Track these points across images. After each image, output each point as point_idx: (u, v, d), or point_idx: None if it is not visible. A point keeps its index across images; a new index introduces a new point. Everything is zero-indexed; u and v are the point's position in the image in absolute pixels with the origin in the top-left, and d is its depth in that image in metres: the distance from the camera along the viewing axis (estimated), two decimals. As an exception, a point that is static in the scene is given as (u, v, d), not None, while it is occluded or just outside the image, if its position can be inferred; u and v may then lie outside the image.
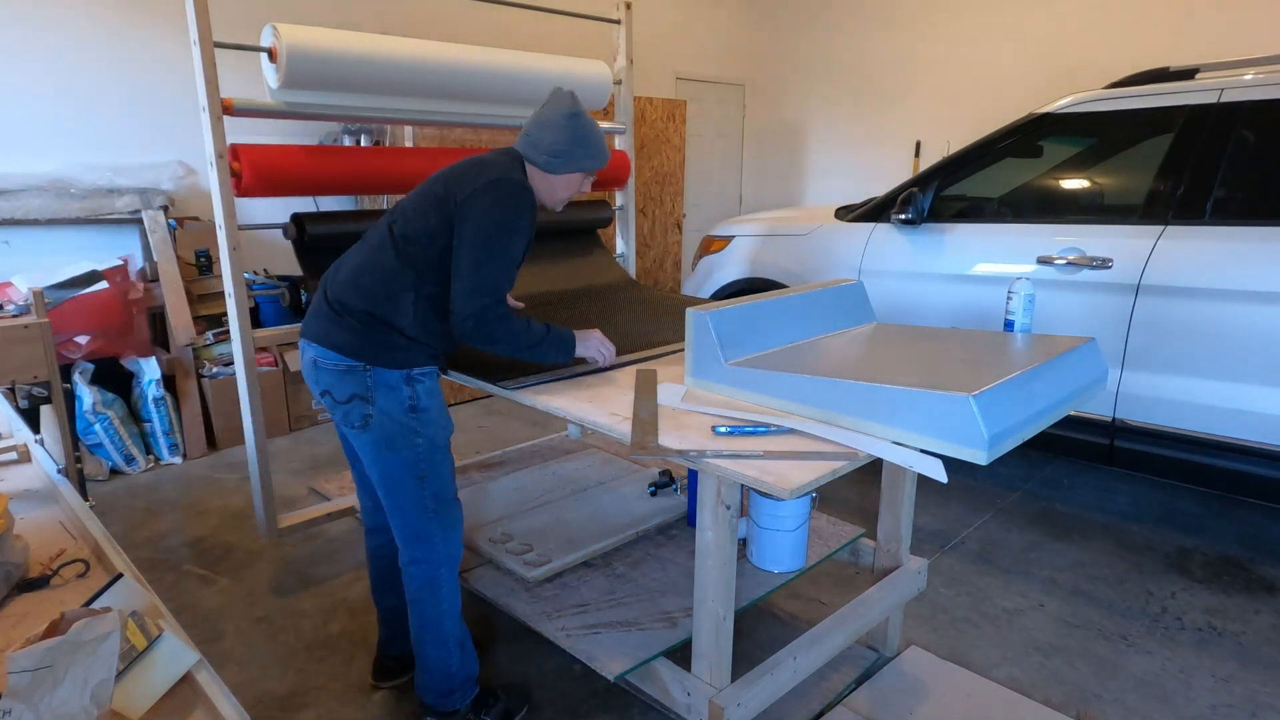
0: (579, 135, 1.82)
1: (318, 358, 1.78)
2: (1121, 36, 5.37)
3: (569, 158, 1.83)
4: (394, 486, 1.79)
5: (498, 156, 1.84)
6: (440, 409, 1.83)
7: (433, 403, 1.81)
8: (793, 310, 1.97)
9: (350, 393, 1.75)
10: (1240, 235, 2.46)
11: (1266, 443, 2.45)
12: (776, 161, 7.57)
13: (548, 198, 1.90)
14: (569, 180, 1.88)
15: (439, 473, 1.82)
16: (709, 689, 1.68)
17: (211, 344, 3.91)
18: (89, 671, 0.87)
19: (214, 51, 2.21)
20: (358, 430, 1.77)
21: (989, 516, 3.19)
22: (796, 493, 1.34)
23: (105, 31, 3.89)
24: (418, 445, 1.78)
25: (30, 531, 1.37)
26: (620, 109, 3.27)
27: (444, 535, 1.84)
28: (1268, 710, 2.08)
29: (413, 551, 1.84)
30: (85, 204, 3.72)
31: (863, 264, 3.32)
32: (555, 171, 1.84)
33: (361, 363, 1.74)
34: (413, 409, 1.77)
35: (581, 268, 3.01)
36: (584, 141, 1.83)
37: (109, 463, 3.57)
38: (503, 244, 1.73)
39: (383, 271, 1.76)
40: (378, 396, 1.75)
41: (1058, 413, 1.64)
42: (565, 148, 1.82)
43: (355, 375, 1.74)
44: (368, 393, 1.75)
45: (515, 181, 1.77)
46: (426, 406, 1.79)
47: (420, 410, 1.78)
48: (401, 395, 1.76)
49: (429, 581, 1.84)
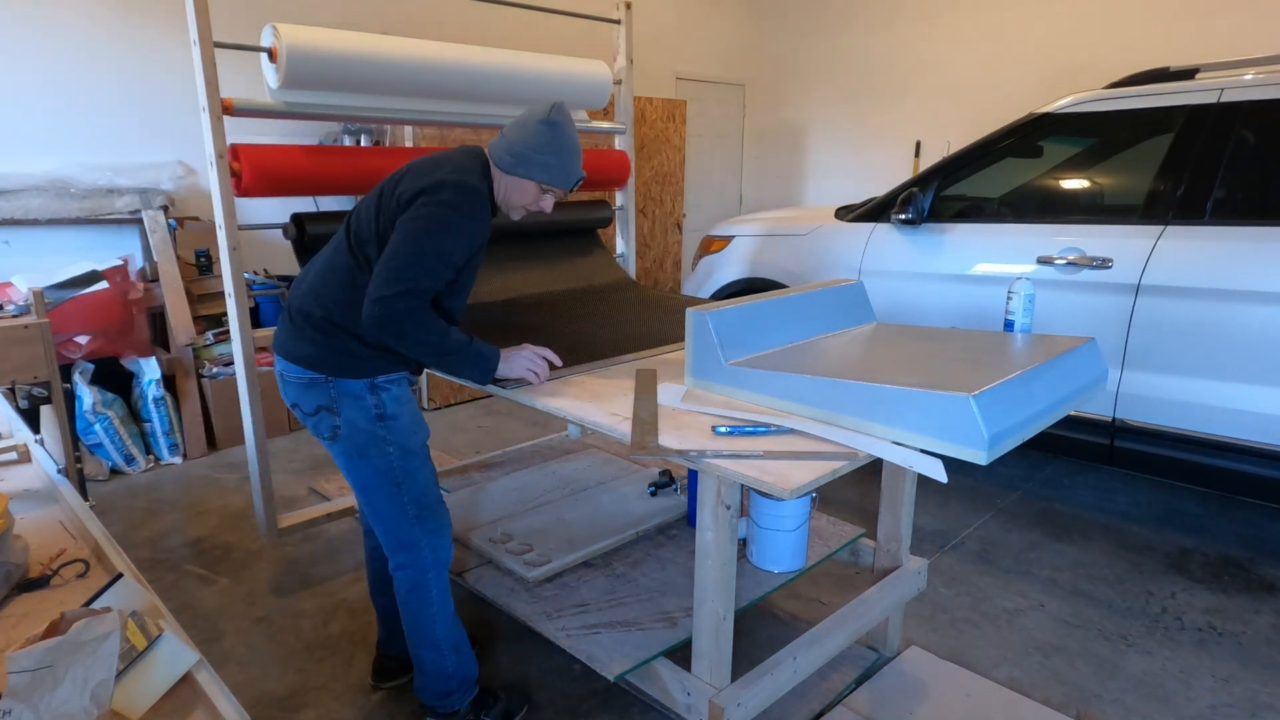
0: (544, 144, 1.73)
1: (284, 371, 1.76)
2: (1121, 36, 5.37)
3: (525, 162, 1.74)
4: (370, 495, 1.77)
5: (457, 154, 1.77)
6: (410, 415, 1.78)
7: (400, 409, 1.76)
8: (793, 310, 1.97)
9: (316, 404, 1.73)
10: (1240, 235, 2.46)
11: (1266, 443, 2.45)
12: (776, 161, 7.57)
13: (502, 201, 1.82)
14: (521, 187, 1.78)
15: (415, 479, 1.78)
16: (709, 689, 1.68)
17: (211, 344, 3.91)
18: (89, 671, 0.87)
19: (214, 51, 2.21)
20: (328, 441, 1.76)
21: (989, 516, 3.19)
22: (796, 493, 1.34)
23: (105, 31, 3.89)
24: (389, 453, 1.74)
25: (30, 531, 1.37)
26: (620, 109, 3.27)
27: (429, 540, 1.81)
28: (1268, 710, 2.08)
29: (398, 558, 1.82)
30: (85, 204, 3.72)
31: (863, 264, 3.32)
32: (506, 171, 1.75)
33: (323, 375, 1.71)
34: (379, 417, 1.73)
35: (582, 268, 3.01)
36: (546, 150, 1.74)
37: (109, 463, 3.57)
38: (434, 241, 1.63)
39: (340, 276, 1.72)
40: (343, 407, 1.72)
41: (1058, 413, 1.64)
42: (523, 150, 1.73)
43: (319, 387, 1.72)
44: (333, 404, 1.72)
45: (466, 184, 1.68)
46: (394, 414, 1.75)
47: (388, 418, 1.74)
48: (366, 404, 1.72)
49: (416, 586, 1.82)
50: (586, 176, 3.06)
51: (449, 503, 2.53)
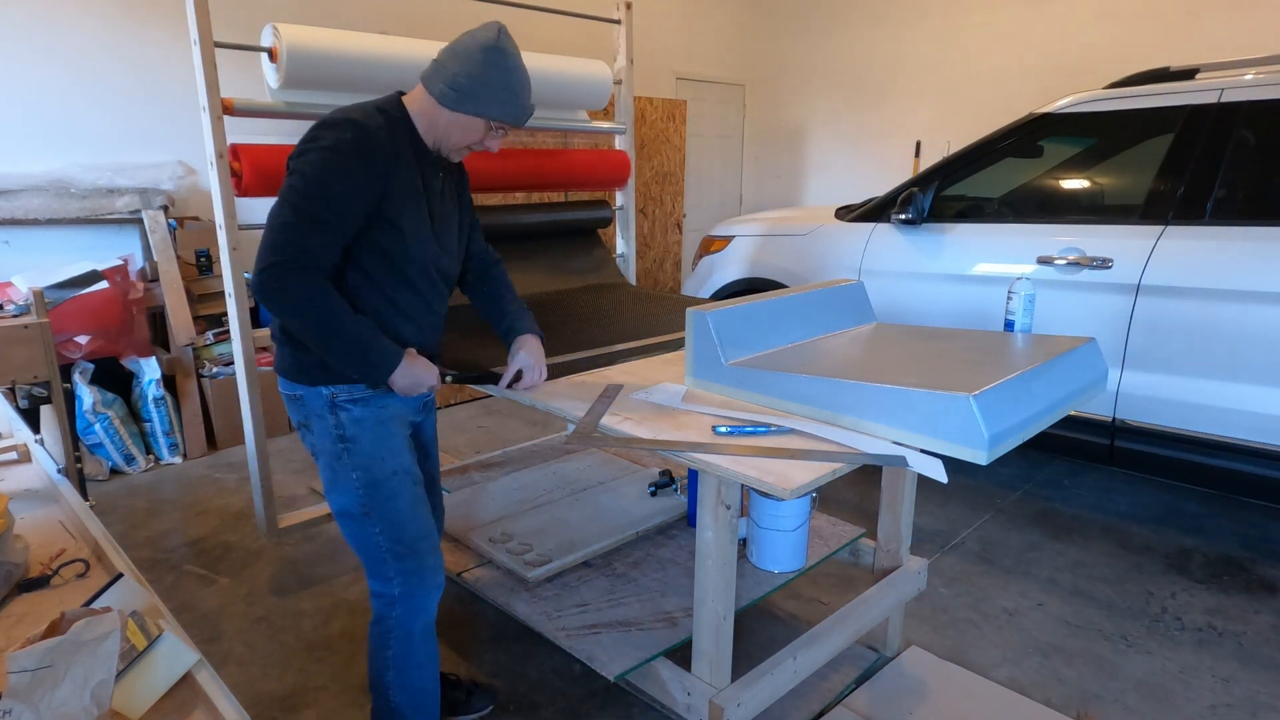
0: (492, 74, 1.49)
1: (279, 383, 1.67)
2: (1121, 36, 5.37)
3: (471, 97, 1.50)
4: (342, 520, 1.64)
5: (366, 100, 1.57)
6: (373, 439, 1.59)
7: (360, 432, 1.58)
8: (793, 310, 1.97)
9: (297, 420, 1.65)
10: (1240, 235, 2.46)
11: (1266, 443, 2.45)
12: (776, 161, 7.57)
13: (439, 140, 1.58)
14: (467, 125, 1.54)
15: (386, 511, 1.60)
16: (709, 689, 1.68)
17: (211, 344, 3.91)
18: (89, 671, 0.87)
19: (214, 51, 2.21)
20: (315, 457, 1.66)
21: (989, 516, 3.19)
22: (796, 493, 1.34)
23: (106, 31, 3.89)
24: (352, 479, 1.59)
25: (30, 531, 1.37)
26: (620, 109, 3.27)
27: (402, 580, 1.63)
28: (1268, 710, 2.08)
29: (371, 584, 1.68)
30: (85, 204, 3.72)
31: (863, 264, 3.32)
32: (451, 107, 1.52)
33: (291, 385, 1.60)
34: (340, 438, 1.59)
35: (582, 268, 3.01)
36: (494, 83, 1.50)
37: (109, 463, 3.57)
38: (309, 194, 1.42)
39: None
40: (314, 425, 1.61)
41: (1058, 413, 1.64)
42: (467, 83, 1.49)
43: (295, 403, 1.62)
44: (307, 420, 1.62)
45: (337, 120, 1.47)
46: (353, 436, 1.58)
47: (347, 440, 1.58)
48: (328, 424, 1.59)
49: (379, 622, 1.68)
50: (586, 176, 3.07)
51: (448, 504, 2.53)
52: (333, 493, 1.64)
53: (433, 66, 1.54)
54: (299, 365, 1.59)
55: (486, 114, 1.53)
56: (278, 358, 1.64)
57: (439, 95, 1.53)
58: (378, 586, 1.67)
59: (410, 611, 1.65)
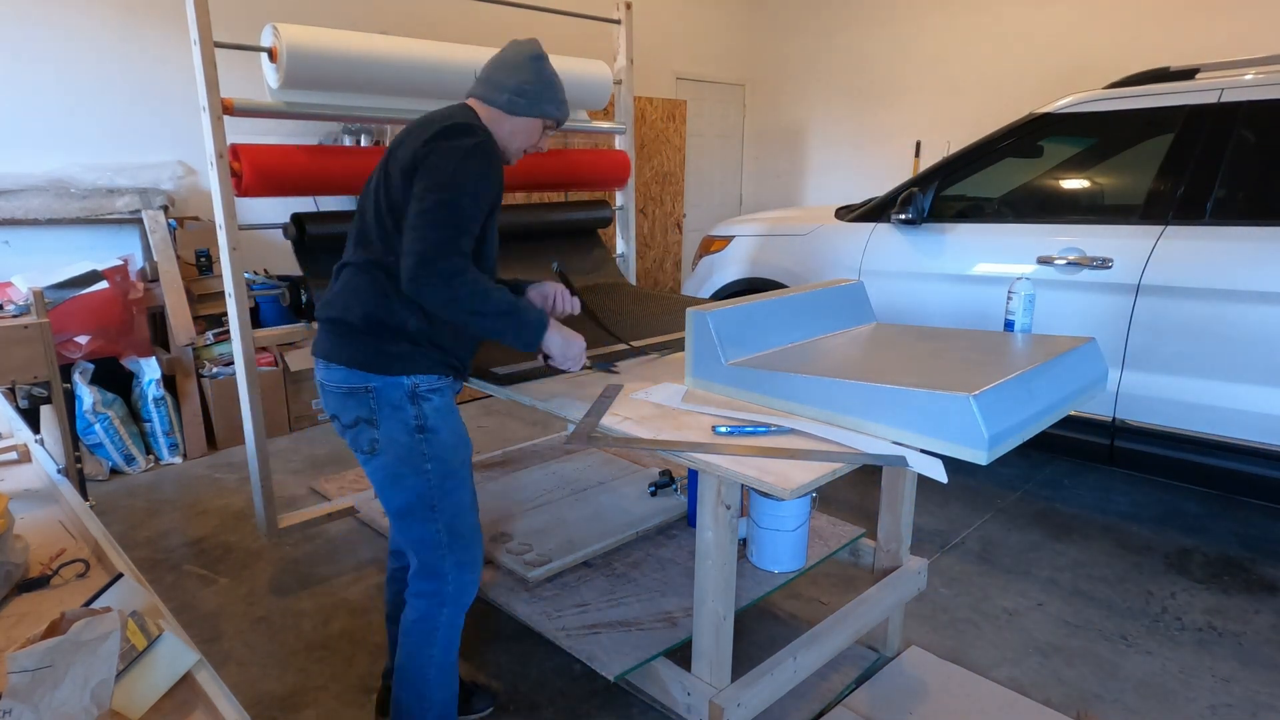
0: (546, 78, 1.70)
1: (324, 379, 1.65)
2: (1121, 36, 5.37)
3: (534, 99, 1.69)
4: (404, 518, 1.66)
5: (445, 110, 1.69)
6: (452, 429, 1.66)
7: (442, 422, 1.64)
8: (793, 310, 1.97)
9: (355, 416, 1.62)
10: (1240, 235, 2.46)
11: (1266, 443, 2.45)
12: (776, 161, 7.57)
13: (504, 146, 1.73)
14: (529, 127, 1.72)
15: (452, 501, 1.66)
16: (709, 689, 1.68)
17: (211, 344, 3.91)
18: (89, 671, 0.87)
19: (214, 51, 2.21)
20: (365, 456, 1.65)
21: (989, 516, 3.19)
22: (796, 493, 1.34)
23: (105, 31, 3.89)
24: (427, 471, 1.62)
25: (30, 531, 1.37)
26: (620, 109, 3.27)
27: (456, 574, 1.69)
28: (1268, 710, 2.08)
29: (419, 584, 1.70)
30: (85, 204, 3.72)
31: (863, 264, 3.32)
32: (517, 113, 1.69)
33: (364, 377, 1.60)
34: (420, 429, 1.61)
35: (582, 268, 3.01)
36: (551, 85, 1.70)
37: (109, 463, 3.57)
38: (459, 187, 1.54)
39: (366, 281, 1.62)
40: (382, 419, 1.61)
41: (1058, 413, 1.64)
42: (527, 89, 1.68)
43: (358, 397, 1.61)
44: (372, 415, 1.61)
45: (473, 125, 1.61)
46: (435, 427, 1.63)
47: (428, 431, 1.62)
48: (407, 415, 1.61)
49: (425, 619, 1.69)
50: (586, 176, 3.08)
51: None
52: (395, 489, 1.64)
53: (486, 83, 1.70)
54: (383, 355, 1.59)
55: (548, 113, 1.72)
56: (347, 351, 1.61)
57: (506, 104, 1.69)
58: (429, 586, 1.69)
59: (459, 603, 1.71)
